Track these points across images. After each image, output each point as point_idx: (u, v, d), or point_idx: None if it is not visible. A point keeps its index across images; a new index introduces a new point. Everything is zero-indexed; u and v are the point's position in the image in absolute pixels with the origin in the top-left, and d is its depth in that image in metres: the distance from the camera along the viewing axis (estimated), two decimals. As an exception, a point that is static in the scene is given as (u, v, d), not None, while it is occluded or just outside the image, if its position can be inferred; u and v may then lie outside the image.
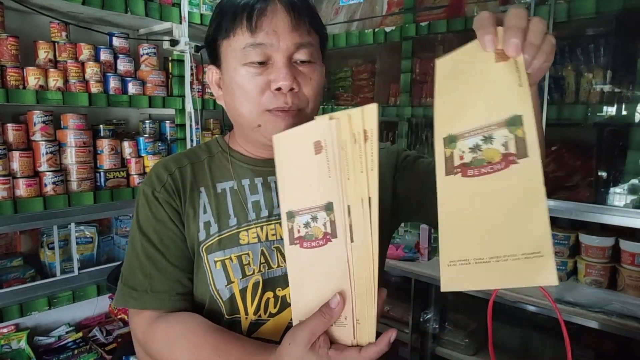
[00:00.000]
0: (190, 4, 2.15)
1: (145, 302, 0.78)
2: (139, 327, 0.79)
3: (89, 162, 1.89)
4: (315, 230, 0.61)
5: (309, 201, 0.62)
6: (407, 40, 2.36)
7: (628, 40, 1.85)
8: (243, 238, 0.80)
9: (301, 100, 0.76)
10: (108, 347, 1.96)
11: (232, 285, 0.78)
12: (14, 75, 1.67)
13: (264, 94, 0.74)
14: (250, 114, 0.76)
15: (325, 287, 0.61)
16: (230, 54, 0.76)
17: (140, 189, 0.84)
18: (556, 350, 1.99)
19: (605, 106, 1.85)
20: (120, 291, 0.81)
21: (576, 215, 1.77)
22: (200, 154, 0.87)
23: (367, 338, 0.60)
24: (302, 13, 0.74)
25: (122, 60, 2.04)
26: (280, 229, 0.81)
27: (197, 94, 2.26)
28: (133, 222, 0.83)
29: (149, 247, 0.79)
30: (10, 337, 1.84)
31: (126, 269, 0.82)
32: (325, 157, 0.59)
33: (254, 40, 0.73)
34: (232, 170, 0.84)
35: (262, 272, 0.79)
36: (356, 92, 2.81)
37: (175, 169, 0.83)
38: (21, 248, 1.97)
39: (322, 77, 0.81)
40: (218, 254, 0.79)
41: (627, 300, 1.65)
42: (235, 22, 0.74)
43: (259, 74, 0.74)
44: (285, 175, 0.65)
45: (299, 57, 0.75)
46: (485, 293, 1.85)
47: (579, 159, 2.03)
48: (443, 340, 2.23)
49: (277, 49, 0.73)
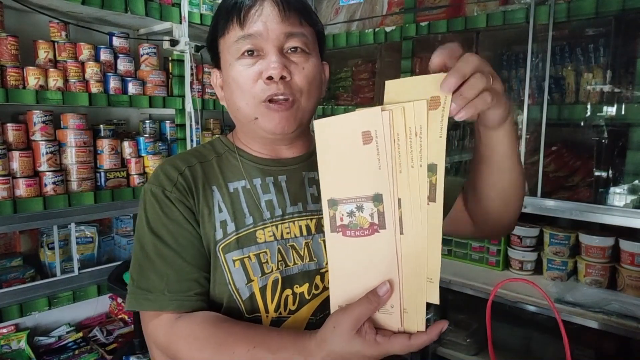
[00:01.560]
0: (190, 4, 2.15)
1: (163, 304, 0.75)
2: (160, 331, 0.75)
3: (89, 162, 1.89)
4: (361, 219, 0.62)
5: (354, 190, 0.62)
6: (407, 40, 2.36)
7: (628, 40, 1.85)
8: (260, 236, 0.81)
9: (294, 89, 0.77)
10: (109, 347, 1.96)
11: (252, 283, 0.78)
12: (14, 75, 1.67)
13: (256, 84, 0.76)
14: (247, 106, 0.78)
15: (369, 275, 0.63)
16: (226, 51, 0.79)
17: (147, 189, 0.81)
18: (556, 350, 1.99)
19: (605, 106, 1.85)
20: (132, 294, 0.78)
21: (576, 215, 1.77)
22: (206, 153, 0.87)
23: (417, 326, 0.61)
24: (290, 5, 0.76)
25: (122, 60, 2.03)
26: (295, 227, 0.83)
27: (197, 94, 2.26)
28: (140, 223, 0.80)
29: (162, 247, 0.77)
30: (10, 337, 1.84)
31: (136, 272, 0.79)
32: (375, 148, 0.59)
33: (244, 32, 0.76)
34: (242, 169, 0.85)
35: (280, 269, 0.80)
36: (356, 92, 2.82)
37: (185, 168, 0.82)
38: (21, 248, 1.97)
39: (318, 69, 0.81)
40: (236, 253, 0.79)
41: (627, 300, 1.65)
42: (228, 20, 0.77)
43: (251, 65, 0.76)
44: (328, 163, 0.64)
45: (290, 45, 0.77)
46: (485, 293, 1.85)
47: (579, 159, 2.03)
48: (444, 340, 2.23)
49: (267, 39, 0.75)
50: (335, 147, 0.62)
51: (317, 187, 0.84)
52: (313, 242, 0.83)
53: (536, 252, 1.99)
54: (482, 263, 2.10)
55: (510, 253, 2.04)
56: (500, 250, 2.05)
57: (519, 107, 2.03)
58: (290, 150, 0.88)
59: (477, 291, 1.87)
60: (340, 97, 2.89)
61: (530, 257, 1.99)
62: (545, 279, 1.95)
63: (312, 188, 0.87)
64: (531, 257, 1.99)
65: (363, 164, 0.60)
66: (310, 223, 0.84)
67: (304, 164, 0.88)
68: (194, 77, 2.22)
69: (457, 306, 2.32)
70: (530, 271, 2.01)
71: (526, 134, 1.94)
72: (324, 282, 0.83)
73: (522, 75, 2.06)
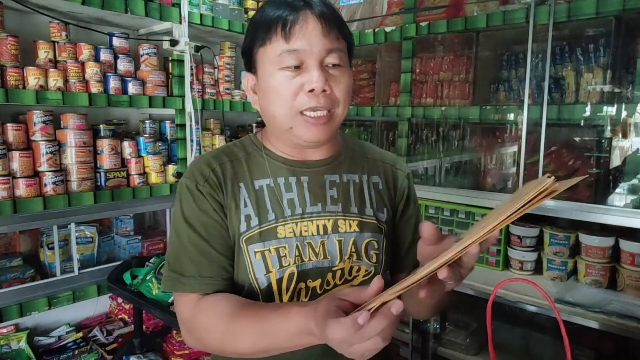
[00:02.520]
0: (190, 4, 2.15)
1: (194, 287, 0.84)
2: (186, 306, 0.84)
3: (89, 162, 1.89)
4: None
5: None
6: (407, 40, 2.36)
7: (628, 40, 1.85)
8: (280, 232, 0.87)
9: (333, 102, 0.83)
10: (109, 347, 1.96)
11: (270, 274, 0.85)
12: (14, 75, 1.67)
13: (297, 96, 0.81)
14: (284, 116, 0.83)
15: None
16: (266, 61, 0.83)
17: (183, 184, 0.89)
18: (556, 350, 1.99)
19: (605, 106, 1.85)
20: (167, 277, 0.87)
21: (576, 215, 1.77)
22: (237, 152, 0.94)
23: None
24: (331, 21, 0.81)
25: (122, 60, 2.04)
26: (312, 226, 0.88)
27: (197, 94, 2.26)
28: (176, 214, 0.88)
29: (195, 236, 0.85)
30: (10, 337, 1.84)
31: (172, 257, 0.87)
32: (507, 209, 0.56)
33: (289, 46, 0.79)
34: (268, 168, 0.91)
35: (296, 264, 0.86)
36: (356, 92, 2.82)
37: (216, 165, 0.89)
38: (21, 248, 1.97)
39: (351, 80, 0.87)
40: (258, 245, 0.86)
41: (627, 300, 1.65)
42: (271, 32, 0.81)
43: (294, 77, 0.81)
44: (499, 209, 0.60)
45: (330, 61, 0.82)
46: (485, 293, 1.85)
47: (579, 159, 2.03)
48: (444, 340, 2.23)
49: (310, 54, 0.80)
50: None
51: (337, 189, 0.93)
52: (328, 241, 0.89)
53: (536, 252, 1.99)
54: (482, 263, 2.10)
55: (510, 253, 2.04)
56: (500, 250, 2.05)
57: (519, 107, 2.03)
58: (316, 153, 0.93)
59: (477, 291, 1.87)
60: (340, 97, 2.88)
61: (530, 257, 1.99)
62: (545, 279, 1.95)
63: (332, 190, 0.92)
64: (531, 257, 1.99)
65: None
66: (328, 223, 0.90)
67: (327, 167, 0.94)
68: (194, 77, 2.22)
69: (457, 306, 2.32)
70: (530, 271, 2.01)
71: (526, 134, 1.94)
72: (335, 279, 0.89)
73: (522, 75, 2.06)
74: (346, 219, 0.91)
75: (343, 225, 0.90)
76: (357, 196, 0.94)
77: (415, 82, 2.42)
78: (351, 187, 0.94)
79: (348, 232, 0.90)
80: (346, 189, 0.94)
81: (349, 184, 0.94)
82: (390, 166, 1.01)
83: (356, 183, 0.95)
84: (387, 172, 1.00)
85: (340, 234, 0.90)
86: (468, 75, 2.29)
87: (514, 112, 2.16)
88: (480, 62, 2.28)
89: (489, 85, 2.31)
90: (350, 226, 0.91)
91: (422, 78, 2.43)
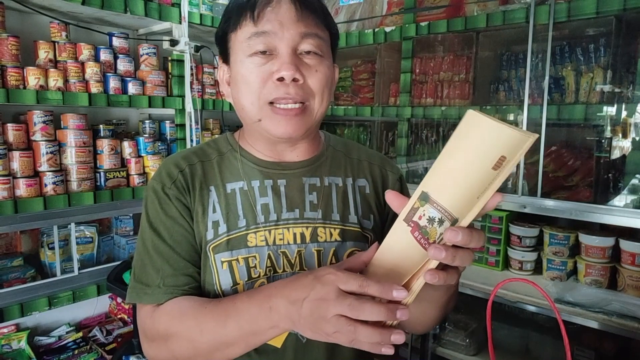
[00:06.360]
0: (190, 4, 2.15)
1: (158, 297, 0.77)
2: (147, 314, 0.77)
3: (89, 162, 1.89)
4: (432, 232, 0.57)
5: (449, 202, 0.55)
6: (407, 40, 2.36)
7: (628, 40, 1.85)
8: (251, 240, 0.79)
9: (305, 93, 0.75)
10: (108, 347, 1.96)
11: (237, 287, 0.77)
12: (14, 75, 1.67)
13: (266, 84, 0.74)
14: (252, 106, 0.76)
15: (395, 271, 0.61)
16: (237, 47, 0.76)
17: (150, 185, 0.82)
18: (556, 350, 1.99)
19: (605, 106, 1.85)
20: (132, 288, 0.80)
21: (576, 215, 1.77)
22: (209, 152, 0.86)
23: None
24: (308, 5, 0.74)
25: (122, 60, 2.04)
26: (289, 234, 0.81)
27: (197, 94, 2.26)
28: (143, 219, 0.81)
29: (159, 243, 0.78)
30: (10, 337, 1.84)
31: (137, 266, 0.80)
32: (493, 176, 0.52)
33: (257, 29, 0.73)
34: (241, 170, 0.83)
35: (267, 275, 0.78)
36: (356, 92, 2.82)
37: (185, 166, 0.82)
38: (21, 248, 1.97)
39: (331, 73, 0.80)
40: (225, 255, 0.78)
41: (627, 300, 1.65)
42: (241, 14, 0.74)
43: (263, 64, 0.74)
44: (451, 156, 0.56)
45: (305, 47, 0.74)
46: (484, 293, 1.85)
47: (579, 159, 2.03)
48: (444, 341, 2.23)
49: (281, 39, 0.73)
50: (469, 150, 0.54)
51: (318, 194, 0.84)
52: (306, 251, 0.80)
53: (536, 252, 1.99)
54: (482, 263, 2.10)
55: (510, 253, 2.04)
56: (500, 250, 2.05)
57: (519, 107, 2.03)
58: (293, 154, 0.85)
59: (476, 291, 1.87)
60: (340, 97, 2.89)
61: (530, 257, 1.99)
62: (545, 279, 1.95)
63: (312, 195, 0.84)
64: (531, 257, 1.99)
65: (474, 186, 0.53)
66: (306, 231, 0.81)
67: (307, 169, 0.85)
68: (194, 77, 2.22)
69: (456, 306, 2.32)
70: (530, 271, 2.01)
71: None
72: None
73: (522, 75, 2.06)
74: (326, 226, 0.82)
75: (323, 233, 0.81)
76: (340, 201, 0.85)
77: (415, 82, 2.42)
78: (333, 191, 0.85)
79: (328, 242, 0.81)
80: (327, 193, 0.85)
81: (330, 188, 0.85)
82: (378, 167, 0.92)
83: (339, 187, 0.86)
84: (375, 174, 0.91)
85: (319, 244, 0.81)
86: (468, 75, 2.29)
87: (513, 112, 2.16)
88: (480, 62, 2.28)
89: (489, 85, 2.31)
90: (331, 235, 0.82)
91: (421, 78, 2.43)
